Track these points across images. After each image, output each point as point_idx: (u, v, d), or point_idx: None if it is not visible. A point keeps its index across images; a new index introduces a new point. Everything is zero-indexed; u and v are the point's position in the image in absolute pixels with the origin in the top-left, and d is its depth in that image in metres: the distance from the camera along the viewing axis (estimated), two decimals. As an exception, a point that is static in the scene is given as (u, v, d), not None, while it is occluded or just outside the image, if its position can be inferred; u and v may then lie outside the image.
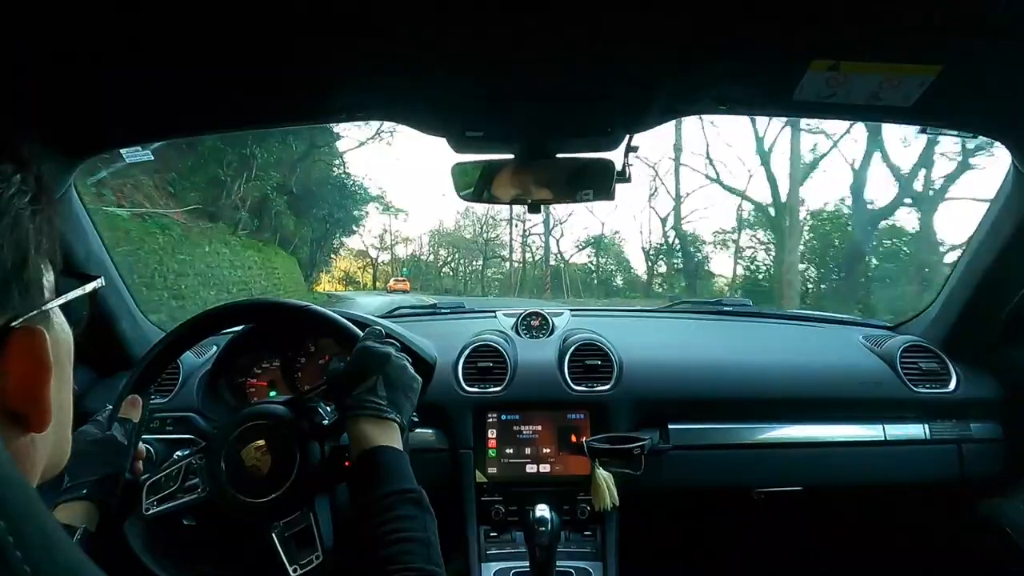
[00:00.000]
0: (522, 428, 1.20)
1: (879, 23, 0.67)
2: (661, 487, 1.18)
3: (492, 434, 1.19)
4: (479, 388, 1.21)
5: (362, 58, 0.76)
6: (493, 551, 1.14)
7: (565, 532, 1.12)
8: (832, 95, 0.81)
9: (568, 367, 1.24)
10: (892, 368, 1.26)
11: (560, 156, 1.00)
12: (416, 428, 0.93)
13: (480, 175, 1.02)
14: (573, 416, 1.20)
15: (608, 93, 0.86)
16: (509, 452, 1.18)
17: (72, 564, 0.28)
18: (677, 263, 19.28)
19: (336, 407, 0.78)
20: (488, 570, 1.12)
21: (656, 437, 1.16)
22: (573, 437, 1.18)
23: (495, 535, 1.16)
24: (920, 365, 1.26)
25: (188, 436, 1.09)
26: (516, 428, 1.20)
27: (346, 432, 0.73)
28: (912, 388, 1.23)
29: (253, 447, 0.74)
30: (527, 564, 1.04)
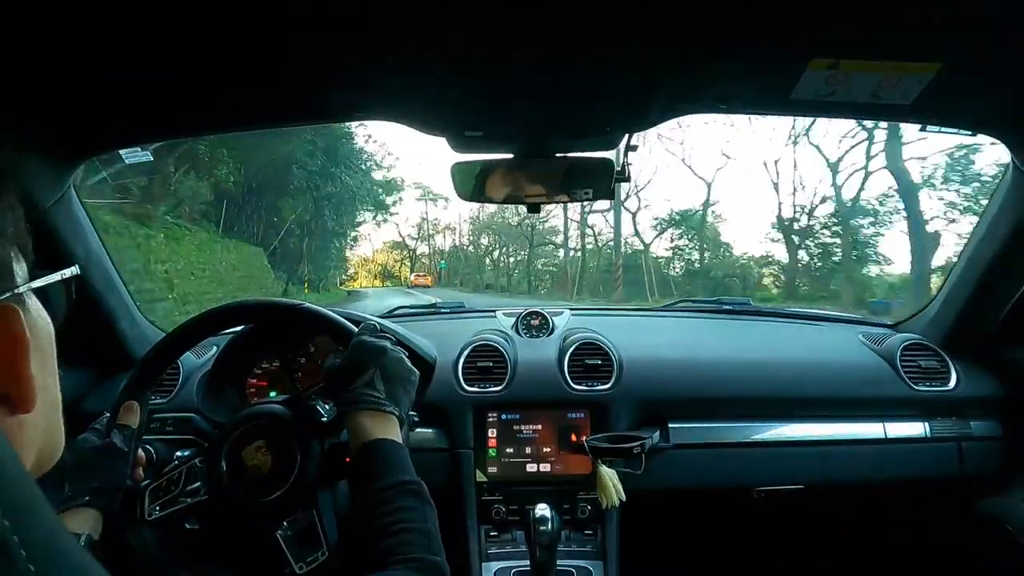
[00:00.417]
0: (522, 427, 1.20)
1: (879, 23, 0.67)
2: (661, 486, 1.18)
3: (492, 433, 1.19)
4: (479, 388, 1.21)
5: (362, 58, 0.76)
6: (493, 550, 1.15)
7: (565, 531, 1.13)
8: (832, 93, 0.81)
9: (568, 366, 1.24)
10: (892, 366, 1.26)
11: (560, 155, 1.00)
12: (416, 428, 0.94)
13: (480, 174, 1.02)
14: (573, 415, 1.20)
15: (608, 93, 0.86)
16: (509, 451, 1.18)
17: (75, 563, 0.28)
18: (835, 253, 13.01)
19: (334, 402, 0.79)
20: (488, 569, 1.12)
21: (656, 436, 1.16)
22: (573, 436, 1.18)
23: (495, 534, 1.16)
24: (920, 363, 1.26)
25: (188, 437, 1.09)
26: (516, 427, 1.20)
27: (345, 427, 0.73)
28: (912, 386, 1.23)
29: (253, 447, 0.75)
30: (528, 563, 1.05)
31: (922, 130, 0.97)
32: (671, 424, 1.19)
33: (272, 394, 1.16)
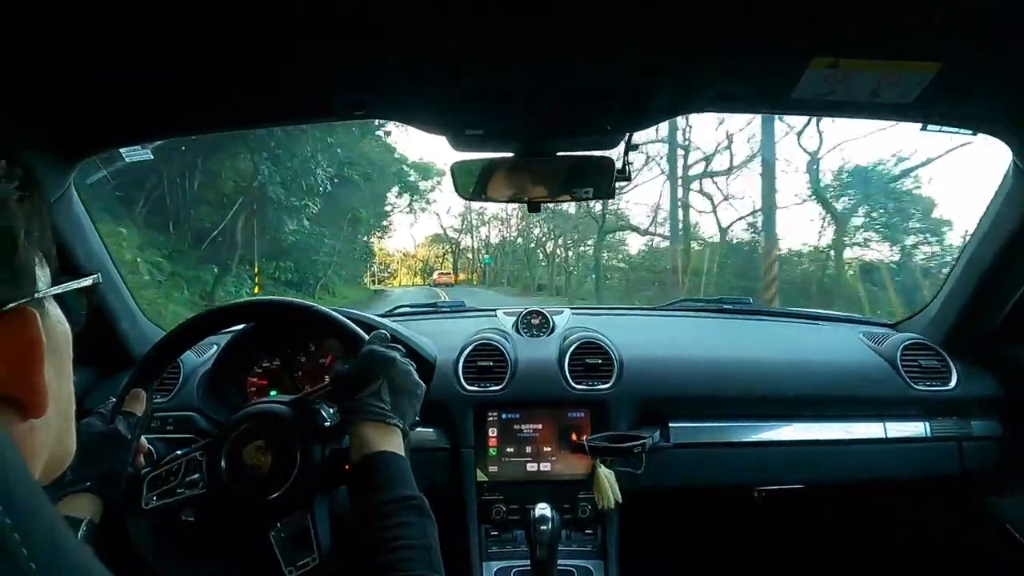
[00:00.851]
0: (522, 427, 1.20)
1: (879, 23, 0.67)
2: (662, 485, 1.18)
3: (493, 433, 1.19)
4: (479, 387, 1.21)
5: (362, 58, 0.76)
6: (494, 550, 1.15)
7: (566, 531, 1.13)
8: (831, 92, 0.81)
9: (568, 366, 1.24)
10: (892, 366, 1.26)
11: (560, 154, 1.00)
12: (416, 427, 0.94)
13: (480, 173, 1.02)
14: (574, 415, 1.20)
15: (608, 92, 0.86)
16: (510, 451, 1.18)
17: (77, 562, 0.28)
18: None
19: (339, 409, 0.78)
20: (489, 569, 1.12)
21: (657, 435, 1.16)
22: (574, 436, 1.18)
23: (496, 534, 1.16)
24: (920, 363, 1.26)
25: (189, 436, 1.09)
26: (516, 427, 1.20)
27: (348, 435, 0.73)
28: (912, 386, 1.23)
29: (254, 446, 0.75)
30: (528, 563, 1.05)
31: (923, 129, 0.97)
32: (671, 424, 1.19)
33: (273, 393, 1.17)
